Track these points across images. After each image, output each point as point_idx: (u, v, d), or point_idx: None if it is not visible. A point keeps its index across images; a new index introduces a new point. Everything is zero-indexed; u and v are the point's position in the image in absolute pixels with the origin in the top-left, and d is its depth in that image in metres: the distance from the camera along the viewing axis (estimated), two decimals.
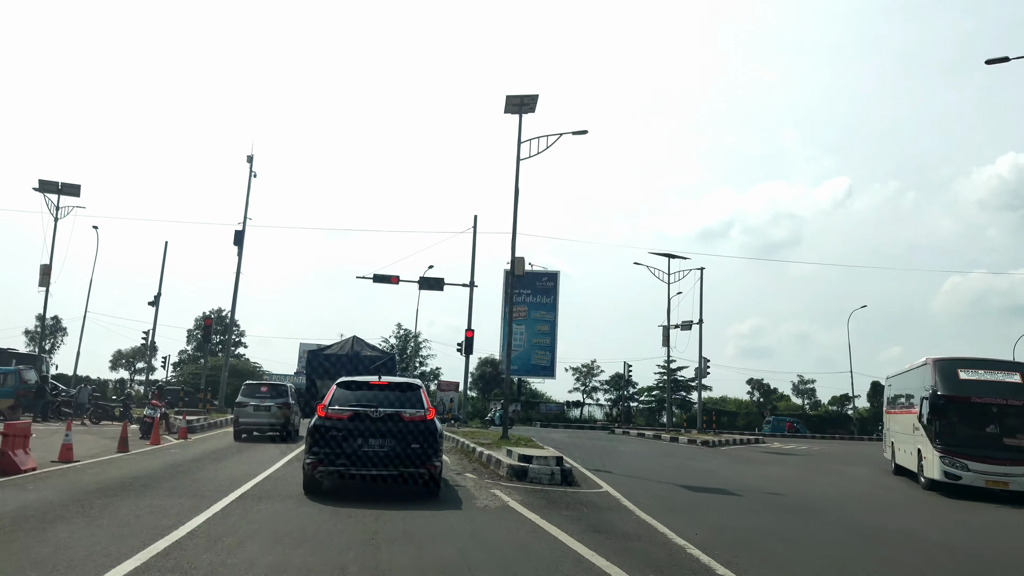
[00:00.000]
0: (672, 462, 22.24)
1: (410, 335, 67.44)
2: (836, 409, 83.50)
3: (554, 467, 13.42)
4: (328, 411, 10.24)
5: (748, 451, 32.40)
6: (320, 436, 10.02)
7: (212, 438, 22.41)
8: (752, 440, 41.59)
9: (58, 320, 63.06)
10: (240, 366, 62.87)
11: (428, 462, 10.16)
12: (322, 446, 9.96)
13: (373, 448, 9.92)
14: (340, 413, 10.17)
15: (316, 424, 10.18)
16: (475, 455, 17.40)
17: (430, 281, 31.62)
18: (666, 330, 41.02)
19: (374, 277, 31.11)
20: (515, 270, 20.71)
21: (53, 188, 33.47)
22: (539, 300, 72.39)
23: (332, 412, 10.20)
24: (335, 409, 10.24)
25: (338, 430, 9.97)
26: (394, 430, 10.02)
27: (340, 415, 10.15)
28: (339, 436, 9.94)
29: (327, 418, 10.18)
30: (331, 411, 10.22)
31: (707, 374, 42.01)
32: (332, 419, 10.13)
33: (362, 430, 9.98)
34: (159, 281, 40.47)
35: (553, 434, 37.75)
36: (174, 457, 15.80)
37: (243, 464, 14.62)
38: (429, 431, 10.23)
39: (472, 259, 32.04)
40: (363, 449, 9.90)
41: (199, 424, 25.33)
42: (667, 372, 47.76)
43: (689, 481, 15.84)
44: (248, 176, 36.10)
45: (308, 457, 10.12)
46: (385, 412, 10.13)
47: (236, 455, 16.76)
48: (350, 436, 9.93)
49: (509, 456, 14.74)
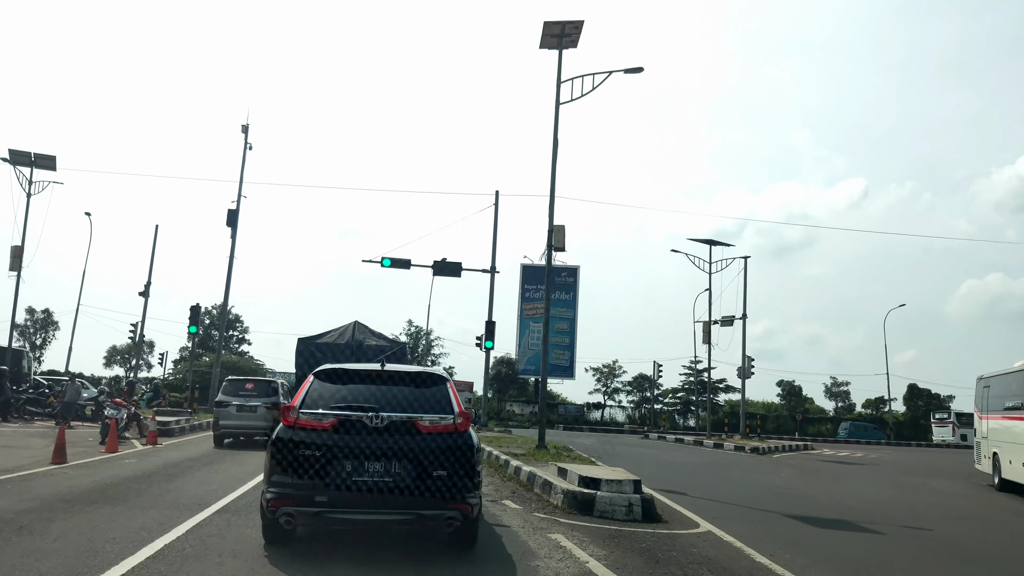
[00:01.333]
0: (740, 476, 18.42)
1: (421, 331, 63.66)
2: (871, 412, 79.37)
3: (631, 494, 9.57)
4: (299, 416, 6.40)
5: (804, 459, 28.69)
6: (287, 457, 6.19)
7: (187, 444, 18.68)
8: (801, 446, 37.83)
9: (49, 313, 59.59)
10: (242, 364, 59.28)
11: (460, 499, 6.27)
12: (291, 473, 6.16)
13: (372, 477, 6.16)
14: (319, 420, 6.36)
15: (279, 438, 6.34)
16: (509, 471, 13.56)
17: (446, 266, 27.88)
18: (707, 325, 37.08)
19: (384, 260, 27.40)
20: (554, 241, 16.91)
21: (25, 160, 29.90)
22: (558, 296, 68.32)
23: (306, 418, 6.39)
24: (311, 414, 6.41)
25: (316, 447, 6.18)
26: (406, 448, 6.26)
27: (318, 423, 6.34)
28: (317, 457, 6.15)
29: (298, 427, 6.34)
30: (304, 417, 6.40)
31: (751, 374, 38.04)
32: (306, 429, 6.32)
33: (354, 447, 6.19)
34: (149, 269, 37.02)
35: (580, 439, 33.95)
36: (119, 472, 12.05)
37: (201, 485, 10.84)
38: (462, 449, 6.41)
39: (493, 239, 28.31)
40: (355, 478, 6.14)
41: (177, 427, 21.64)
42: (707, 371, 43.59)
43: (790, 507, 12.08)
44: (243, 148, 32.53)
45: (268, 489, 6.25)
46: (391, 419, 6.36)
47: (200, 469, 13.00)
48: (335, 457, 6.16)
49: (562, 477, 10.87)
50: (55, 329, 60.41)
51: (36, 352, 59.38)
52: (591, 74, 17.82)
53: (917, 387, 79.13)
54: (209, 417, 26.70)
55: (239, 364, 58.07)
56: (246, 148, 32.59)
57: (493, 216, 27.97)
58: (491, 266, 28.03)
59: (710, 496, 13.00)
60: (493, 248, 27.86)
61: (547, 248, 17.08)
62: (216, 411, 19.16)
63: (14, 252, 29.73)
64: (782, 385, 78.98)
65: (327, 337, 23.78)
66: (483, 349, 27.69)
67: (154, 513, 8.17)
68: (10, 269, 29.69)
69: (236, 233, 31.66)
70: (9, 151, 29.54)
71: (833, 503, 13.52)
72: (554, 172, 17.20)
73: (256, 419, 18.51)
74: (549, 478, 10.84)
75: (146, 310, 37.06)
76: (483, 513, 8.17)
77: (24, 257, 30.23)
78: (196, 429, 23.33)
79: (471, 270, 28.48)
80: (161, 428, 20.79)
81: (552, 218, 17.08)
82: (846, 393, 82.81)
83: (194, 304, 27.76)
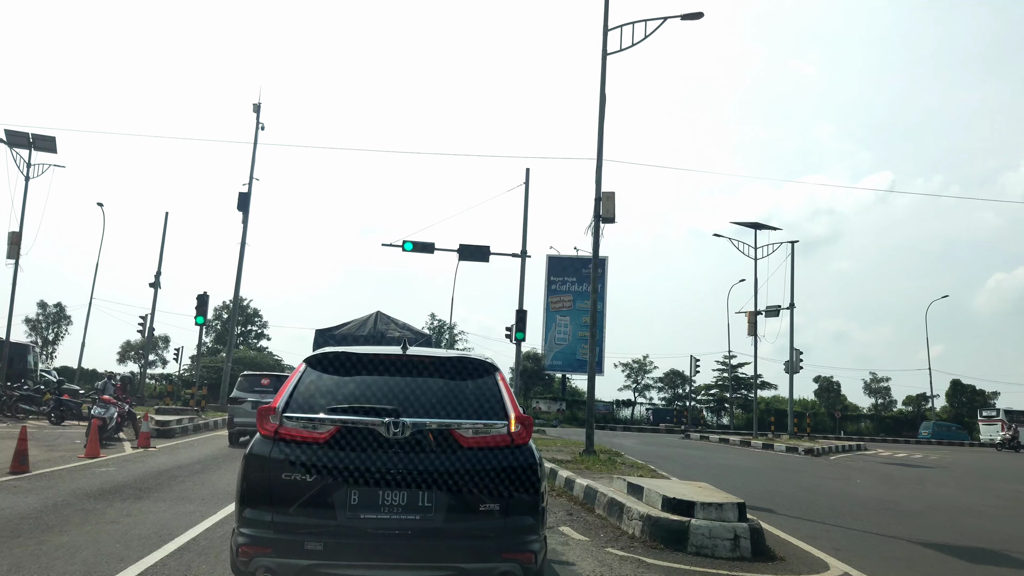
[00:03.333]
0: (816, 485, 15.93)
1: (444, 325, 61.41)
2: (911, 410, 76.09)
3: (735, 522, 7.16)
4: (283, 423, 4.23)
5: (865, 462, 26.26)
6: (265, 483, 4.11)
7: (185, 447, 16.52)
8: (853, 446, 35.25)
9: (61, 307, 57.94)
10: (260, 359, 57.42)
11: (520, 546, 4.10)
12: (269, 507, 4.06)
13: (389, 513, 4.05)
14: (311, 429, 4.20)
15: (256, 454, 4.19)
16: (558, 483, 11.17)
17: (472, 250, 25.50)
18: (752, 316, 34.39)
19: (405, 244, 25.08)
20: (602, 210, 14.47)
21: (23, 141, 27.96)
22: (585, 289, 65.72)
23: (292, 427, 4.22)
24: (300, 420, 4.24)
25: (306, 469, 4.06)
26: (440, 469, 4.12)
27: (310, 433, 4.19)
28: (308, 484, 4.04)
29: (281, 440, 4.18)
30: (290, 424, 4.23)
31: (800, 368, 35.38)
32: (293, 442, 4.17)
33: (363, 469, 4.07)
34: (159, 258, 35.06)
35: (617, 438, 31.49)
36: (81, 486, 9.83)
37: (173, 505, 8.57)
38: (521, 471, 4.22)
39: (524, 220, 25.85)
40: (365, 515, 4.03)
41: (178, 427, 19.51)
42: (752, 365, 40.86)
43: (909, 529, 9.77)
44: (255, 128, 30.45)
45: (240, 531, 4.08)
46: (416, 426, 4.18)
47: (183, 481, 10.74)
48: (334, 484, 4.07)
49: (636, 495, 8.44)
50: (67, 324, 58.76)
51: (49, 348, 57.89)
52: (643, 20, 15.36)
53: (961, 383, 75.83)
54: (217, 416, 24.69)
55: (256, 359, 56.22)
56: (258, 128, 30.55)
57: (524, 195, 25.58)
58: (521, 250, 25.61)
59: (805, 514, 10.57)
60: (524, 230, 25.47)
61: (594, 219, 14.65)
62: (230, 408, 18.03)
63: (12, 238, 27.82)
64: (819, 381, 76.02)
65: (346, 327, 22.62)
66: (513, 341, 25.31)
67: (88, 555, 5.89)
68: (8, 257, 27.77)
69: (248, 218, 29.62)
70: (6, 131, 27.61)
71: (951, 523, 11.03)
72: (601, 131, 14.79)
73: None
74: (617, 497, 8.42)
75: (156, 302, 35.13)
76: None
77: (24, 244, 28.29)
78: (201, 429, 21.21)
79: (500, 254, 26.11)
80: (160, 429, 18.72)
81: (600, 184, 14.67)
82: (886, 389, 79.49)
83: (201, 293, 25.69)
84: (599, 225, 14.56)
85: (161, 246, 35.23)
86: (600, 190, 14.64)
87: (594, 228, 14.52)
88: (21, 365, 31.98)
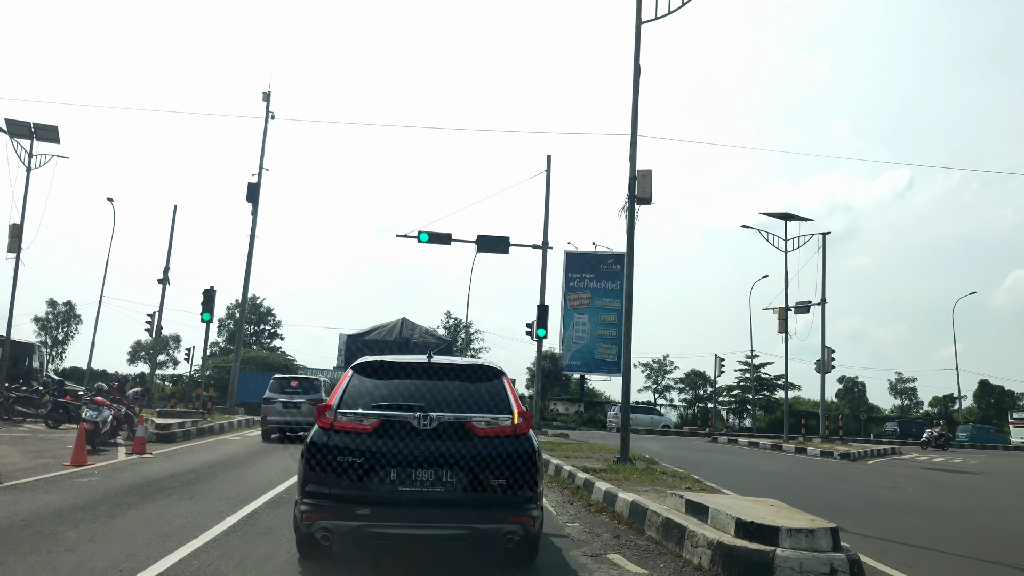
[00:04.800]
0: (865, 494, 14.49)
1: (460, 324, 60.14)
2: (938, 411, 74.07)
3: (828, 552, 5.80)
4: (337, 418, 5.54)
5: (904, 467, 24.90)
6: (323, 464, 5.35)
7: (184, 453, 15.29)
8: (888, 450, 33.64)
9: (71, 306, 57.01)
10: (273, 359, 56.31)
11: (521, 511, 5.45)
12: (327, 482, 5.33)
13: (420, 486, 5.34)
14: (358, 422, 5.50)
15: (315, 442, 5.46)
16: (595, 497, 9.81)
17: (491, 241, 24.15)
18: (783, 312, 32.84)
19: (421, 235, 23.79)
20: (638, 190, 13.09)
21: (24, 131, 26.90)
22: (604, 286, 64.05)
23: (344, 420, 5.53)
24: (350, 415, 5.55)
25: (355, 453, 5.35)
26: (459, 453, 5.42)
27: (358, 425, 5.49)
28: (357, 464, 5.32)
29: (335, 431, 5.49)
30: (342, 418, 5.54)
31: (832, 368, 33.84)
32: (344, 433, 5.47)
33: (399, 453, 5.35)
34: (167, 253, 33.96)
35: (642, 442, 30.04)
36: (49, 503, 8.57)
37: (145, 528, 7.27)
38: (523, 455, 5.54)
39: (545, 210, 24.54)
40: (401, 488, 5.33)
41: (180, 431, 18.29)
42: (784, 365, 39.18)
43: (1000, 551, 8.29)
44: (265, 117, 29.32)
45: (303, 501, 5.39)
46: (441, 419, 5.49)
47: (169, 496, 9.45)
48: (378, 464, 5.33)
49: (698, 516, 7.06)
50: (77, 323, 57.80)
51: (59, 348, 57.06)
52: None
53: (989, 383, 73.79)
54: (224, 419, 23.56)
55: (268, 359, 55.15)
56: (267, 117, 29.40)
57: (545, 183, 24.24)
58: (543, 241, 24.27)
59: (879, 532, 9.19)
60: (545, 220, 24.15)
61: (629, 200, 13.27)
62: (263, 407, 19.79)
63: (12, 231, 26.75)
64: (843, 382, 74.14)
65: (374, 333, 25.03)
66: (535, 337, 23.99)
67: None
68: (8, 251, 26.72)
69: (257, 210, 28.43)
70: (6, 120, 26.56)
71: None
72: (636, 104, 13.43)
73: (300, 415, 19.21)
74: (675, 518, 7.04)
75: (164, 299, 34.06)
76: None
77: (26, 238, 27.23)
78: (205, 433, 20.00)
79: (520, 245, 24.75)
80: (160, 433, 17.54)
81: (634, 162, 13.28)
82: (912, 390, 77.51)
83: (208, 288, 24.49)
84: (634, 206, 13.18)
85: (170, 241, 34.19)
86: (635, 168, 13.27)
87: (628, 210, 13.15)
88: (25, 366, 30.93)
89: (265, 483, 10.69)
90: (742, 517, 6.13)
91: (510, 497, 5.42)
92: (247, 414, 27.11)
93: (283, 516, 7.85)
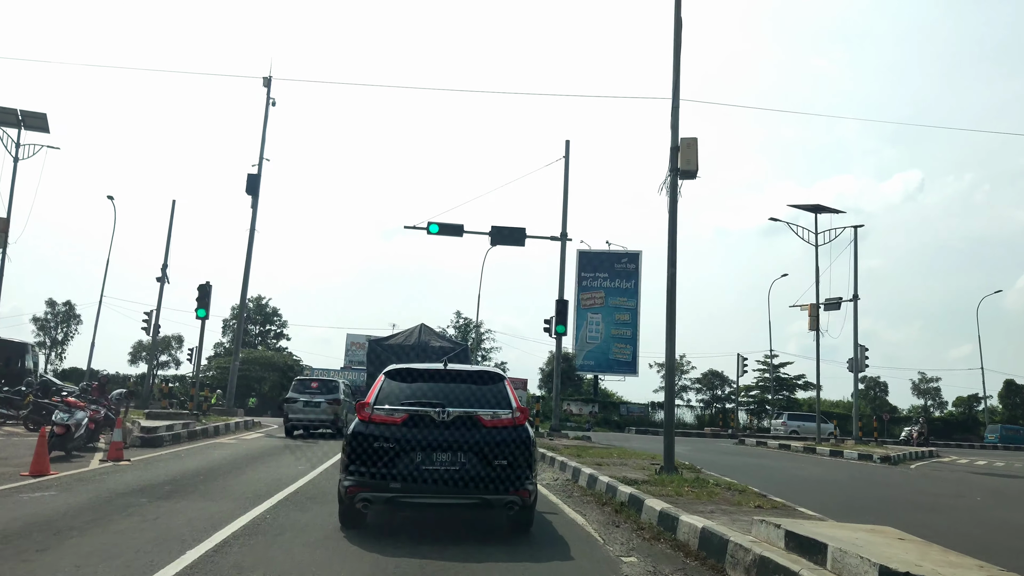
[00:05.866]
0: (933, 502, 12.78)
1: (471, 324, 58.46)
2: (962, 411, 71.93)
3: None
4: (373, 412, 6.96)
5: (951, 471, 23.17)
6: (363, 448, 6.73)
7: (167, 459, 13.65)
8: (926, 452, 31.81)
9: (71, 306, 55.53)
10: (277, 359, 54.79)
11: (520, 486, 6.79)
12: (366, 462, 6.68)
13: (440, 465, 6.74)
14: (391, 415, 6.93)
15: (357, 431, 6.87)
16: (644, 518, 8.09)
17: (506, 233, 22.44)
18: (814, 308, 31.01)
19: (431, 226, 22.12)
20: (681, 162, 11.34)
21: (11, 119, 25.45)
22: (618, 285, 62.42)
23: (379, 414, 6.95)
24: (384, 410, 6.98)
25: (389, 440, 6.75)
26: (470, 440, 6.81)
27: (391, 418, 6.91)
28: (390, 448, 6.71)
29: (372, 422, 6.89)
30: (378, 412, 6.97)
31: (865, 367, 31.98)
32: (380, 424, 6.87)
33: (422, 440, 6.77)
34: (165, 250, 32.37)
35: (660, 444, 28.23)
36: None
37: (76, 571, 5.60)
38: (520, 442, 6.93)
39: (564, 199, 22.81)
40: (425, 467, 6.71)
41: (168, 434, 16.67)
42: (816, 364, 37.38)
43: None
44: (265, 104, 27.73)
45: (346, 477, 6.76)
46: (456, 414, 6.91)
47: (131, 516, 7.76)
48: (406, 448, 6.74)
49: (809, 555, 5.30)
50: (77, 323, 56.22)
51: (58, 348, 55.59)
52: None
53: (1015, 384, 71.58)
54: (220, 420, 21.99)
55: (274, 360, 53.66)
56: (268, 103, 27.80)
57: (563, 170, 22.52)
58: (561, 232, 22.55)
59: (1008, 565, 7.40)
60: (564, 209, 22.40)
61: (670, 173, 11.51)
62: (286, 406, 21.13)
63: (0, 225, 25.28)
64: (864, 381, 71.88)
65: (395, 339, 26.86)
66: (552, 335, 22.28)
67: None
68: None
69: (257, 202, 26.81)
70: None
71: None
72: (677, 63, 11.72)
73: (319, 413, 20.67)
74: (774, 558, 5.26)
75: (162, 297, 32.48)
76: None
77: (13, 232, 25.78)
78: (197, 436, 18.35)
79: (537, 237, 23.00)
80: (146, 436, 15.94)
81: (676, 129, 11.53)
82: (936, 390, 75.33)
83: (203, 283, 22.88)
84: (676, 181, 11.45)
85: (168, 237, 32.59)
86: (677, 136, 11.54)
87: (670, 184, 11.41)
88: (18, 366, 29.40)
89: (250, 496, 9.05)
90: (888, 564, 4.38)
91: (510, 474, 6.73)
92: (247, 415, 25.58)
93: (260, 551, 6.18)
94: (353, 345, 58.18)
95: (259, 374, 50.57)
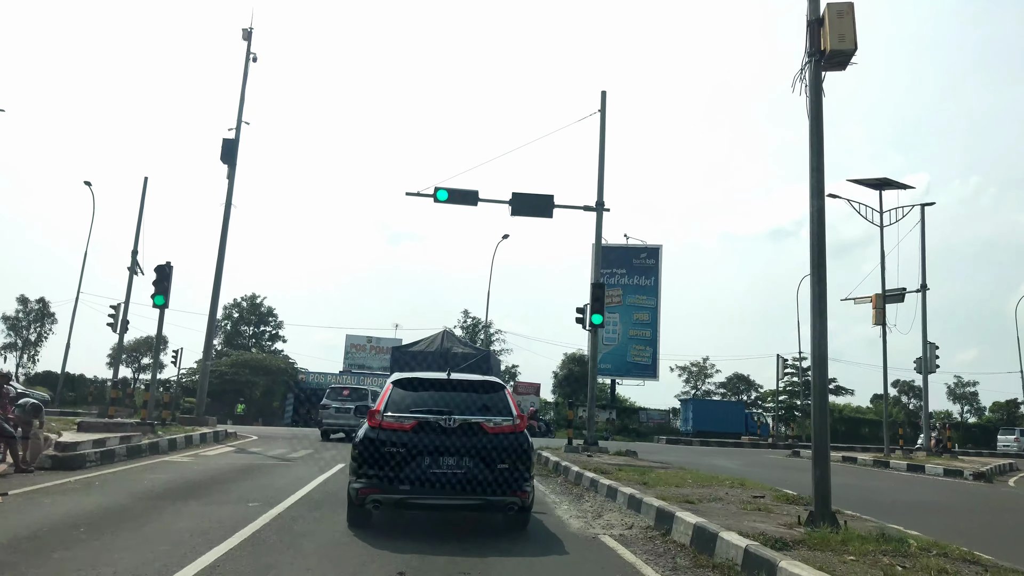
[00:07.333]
0: None
1: (479, 323, 54.38)
2: (999, 417, 67.93)
3: None
4: (383, 419, 7.52)
5: None
6: (373, 453, 7.30)
7: (79, 490, 9.56)
8: (1006, 466, 27.68)
9: (45, 304, 51.46)
10: (273, 363, 50.77)
11: (519, 488, 7.43)
12: (377, 466, 7.25)
13: (446, 469, 7.33)
14: (400, 422, 7.51)
15: (367, 437, 7.44)
16: None
17: (530, 201, 18.29)
18: (879, 299, 26.87)
19: (439, 192, 18.04)
20: (823, 40, 6.86)
21: None
22: (636, 282, 58.32)
23: (389, 420, 7.52)
24: (393, 417, 7.56)
25: (399, 445, 7.32)
26: (474, 445, 7.43)
27: (401, 425, 7.49)
28: (400, 453, 7.29)
29: (383, 428, 7.46)
30: (387, 419, 7.53)
31: (936, 368, 27.81)
32: (390, 430, 7.44)
33: (430, 445, 7.34)
34: (135, 236, 28.33)
35: (707, 458, 24.13)
36: None
37: None
38: (520, 447, 7.59)
39: (600, 160, 18.72)
40: (433, 470, 7.30)
41: (93, 452, 12.57)
42: (883, 360, 33.18)
43: None
44: (245, 59, 23.84)
45: (357, 480, 7.34)
46: (460, 421, 7.49)
47: None
48: (415, 453, 7.30)
49: None
50: (52, 322, 52.06)
51: (31, 350, 51.54)
52: None
53: None
54: (180, 432, 17.94)
55: (266, 363, 49.61)
56: (248, 59, 23.90)
57: (599, 126, 18.49)
58: (597, 201, 18.49)
59: None
60: (600, 173, 18.33)
61: (808, 57, 7.43)
62: (320, 412, 23.97)
63: None
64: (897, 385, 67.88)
65: (418, 346, 27.30)
66: (588, 327, 18.30)
67: None
68: None
69: (234, 172, 22.83)
70: None
71: None
72: None
73: (350, 418, 22.66)
74: None
75: (130, 290, 28.46)
76: None
77: None
78: (141, 453, 14.17)
79: (566, 207, 18.82)
80: (61, 456, 11.88)
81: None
82: (973, 395, 71.21)
83: (162, 263, 18.80)
84: (819, 71, 7.41)
85: (139, 219, 28.55)
86: (817, 4, 7.53)
87: (811, 74, 7.39)
88: None
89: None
90: None
91: (511, 477, 7.39)
92: None
93: None
94: (353, 347, 54.17)
95: (250, 378, 46.57)
